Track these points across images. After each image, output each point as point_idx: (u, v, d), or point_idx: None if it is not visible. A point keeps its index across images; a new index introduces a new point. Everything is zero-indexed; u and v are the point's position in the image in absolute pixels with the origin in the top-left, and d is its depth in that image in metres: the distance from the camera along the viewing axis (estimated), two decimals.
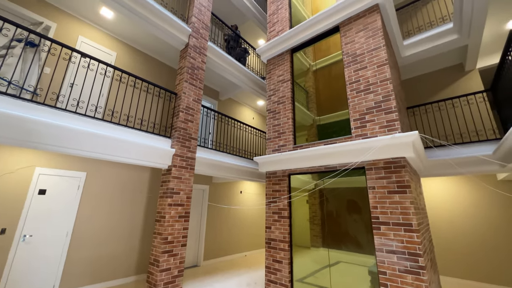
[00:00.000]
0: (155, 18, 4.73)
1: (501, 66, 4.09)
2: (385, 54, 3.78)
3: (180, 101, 4.69)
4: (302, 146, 4.46)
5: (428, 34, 5.37)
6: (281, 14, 5.90)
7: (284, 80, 5.21)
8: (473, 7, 4.30)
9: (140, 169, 5.33)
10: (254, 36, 9.33)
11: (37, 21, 4.19)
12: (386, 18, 4.34)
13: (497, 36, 5.30)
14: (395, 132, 3.38)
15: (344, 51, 4.33)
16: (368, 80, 3.85)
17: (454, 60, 5.97)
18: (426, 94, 6.32)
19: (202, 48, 5.44)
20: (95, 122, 3.53)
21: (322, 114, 4.79)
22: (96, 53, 5.04)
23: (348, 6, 4.36)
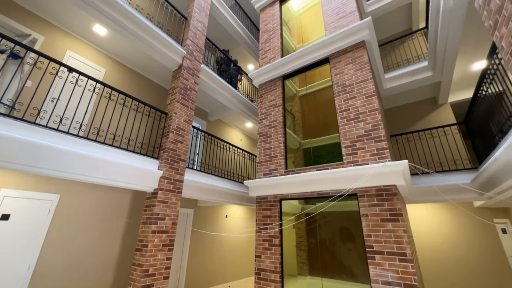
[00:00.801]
0: (151, 39, 4.74)
1: (473, 102, 4.51)
2: (373, 86, 4.03)
3: (171, 121, 4.57)
4: (294, 171, 4.45)
5: (405, 70, 5.88)
6: (273, 43, 6.20)
7: (276, 105, 5.33)
8: (446, 49, 4.81)
9: (121, 192, 4.95)
10: (245, 61, 9.66)
11: (24, 33, 4.01)
12: (371, 53, 4.70)
13: (465, 75, 5.91)
14: (386, 160, 3.50)
15: (334, 81, 4.56)
16: (357, 110, 4.04)
17: (429, 93, 6.53)
18: (406, 123, 6.75)
19: (195, 70, 5.48)
20: (77, 141, 3.28)
21: (309, 138, 4.90)
22: (84, 69, 4.86)
23: (337, 40, 4.69)
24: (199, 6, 6.19)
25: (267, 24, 6.70)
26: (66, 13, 4.52)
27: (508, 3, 1.93)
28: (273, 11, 6.79)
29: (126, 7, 4.30)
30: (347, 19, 4.88)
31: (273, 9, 6.82)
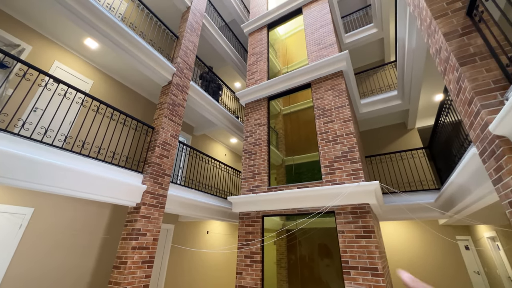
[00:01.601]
0: (143, 56, 4.89)
1: (435, 129, 5.09)
2: (349, 112, 4.44)
3: (158, 136, 4.63)
4: (276, 188, 4.64)
5: (378, 97, 6.50)
6: (260, 66, 6.59)
7: (261, 124, 5.60)
8: (411, 81, 5.45)
9: (100, 206, 4.81)
10: (232, 78, 10.01)
11: (13, 42, 3.99)
12: (348, 81, 5.20)
13: (429, 104, 6.63)
14: (360, 180, 3.82)
15: (315, 105, 4.95)
16: (336, 132, 4.40)
17: (399, 119, 7.20)
18: (379, 144, 7.32)
19: (184, 87, 5.65)
20: (58, 152, 3.24)
21: (291, 155, 5.20)
22: (71, 80, 4.85)
23: (318, 69, 5.14)
24: (191, 26, 6.49)
25: (255, 48, 7.14)
26: (58, 25, 4.57)
27: (452, 56, 2.37)
28: (261, 36, 7.27)
29: (121, 25, 4.45)
30: (328, 50, 5.40)
31: (261, 34, 7.31)
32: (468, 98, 2.20)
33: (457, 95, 2.43)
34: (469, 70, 2.20)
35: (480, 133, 2.12)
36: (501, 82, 2.02)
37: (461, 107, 2.40)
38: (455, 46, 2.37)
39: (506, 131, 1.80)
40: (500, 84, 2.02)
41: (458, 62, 2.27)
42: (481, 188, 2.82)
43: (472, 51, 2.26)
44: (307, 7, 6.62)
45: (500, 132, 1.84)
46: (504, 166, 1.85)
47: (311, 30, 6.03)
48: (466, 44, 2.31)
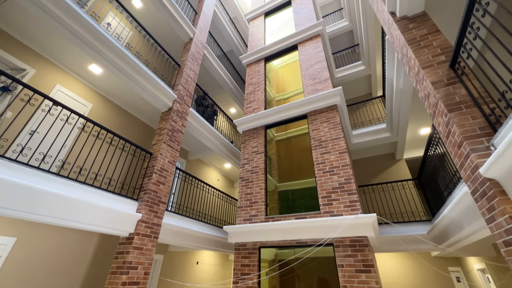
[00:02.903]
0: (146, 83, 5.02)
1: (424, 161, 5.37)
2: (344, 144, 4.65)
3: (156, 162, 4.59)
4: (274, 218, 4.61)
5: (368, 129, 6.86)
6: (258, 95, 6.89)
7: (258, 152, 5.70)
8: (399, 116, 5.84)
9: (88, 235, 4.54)
10: (228, 104, 10.29)
11: (18, 67, 4.02)
12: (341, 115, 5.50)
13: (415, 137, 7.04)
14: (357, 212, 3.89)
15: (312, 135, 5.16)
16: (332, 163, 4.55)
17: (388, 150, 7.55)
18: (371, 174, 7.54)
19: (184, 113, 5.76)
20: (54, 179, 3.13)
21: (287, 181, 5.28)
22: (71, 103, 4.84)
23: (314, 102, 5.45)
24: (193, 56, 6.80)
25: (253, 78, 7.50)
26: (64, 50, 4.67)
27: (440, 103, 2.64)
28: (258, 68, 7.69)
29: (127, 53, 4.62)
30: (322, 84, 5.77)
31: (258, 66, 7.74)
32: (458, 141, 2.42)
33: (447, 137, 2.66)
34: (456, 116, 2.45)
35: (470, 174, 2.29)
36: (486, 129, 2.26)
37: (451, 148, 2.61)
38: (442, 94, 2.65)
39: (496, 175, 1.98)
40: (485, 131, 2.25)
41: (447, 108, 2.53)
42: (473, 224, 2.96)
43: (457, 99, 2.53)
44: (302, 44, 7.17)
45: (490, 175, 2.02)
46: (496, 207, 2.00)
47: (306, 66, 6.47)
48: (452, 93, 2.59)
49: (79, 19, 3.97)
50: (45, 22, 3.79)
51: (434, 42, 3.04)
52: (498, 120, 2.15)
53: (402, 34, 3.31)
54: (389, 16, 3.67)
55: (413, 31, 3.26)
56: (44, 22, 3.80)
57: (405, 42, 3.26)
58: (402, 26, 3.40)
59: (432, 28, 3.16)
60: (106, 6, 5.55)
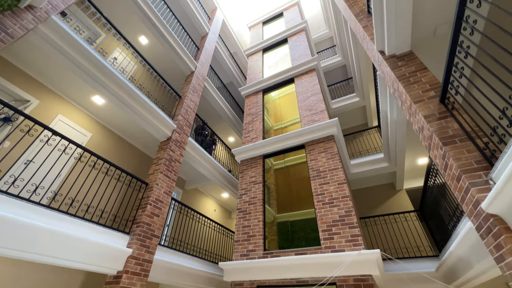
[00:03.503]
0: (147, 113, 5.13)
1: (424, 193, 5.28)
2: (343, 175, 4.61)
3: (151, 193, 4.48)
4: (272, 253, 4.36)
5: (366, 159, 6.87)
6: (256, 125, 7.02)
7: (256, 182, 5.62)
8: (396, 146, 5.90)
9: (71, 272, 4.22)
10: (226, 133, 10.43)
11: (23, 98, 4.14)
12: (339, 145, 5.55)
13: (414, 167, 7.04)
14: (360, 247, 3.70)
15: (310, 166, 5.14)
16: (331, 195, 4.46)
17: (388, 180, 7.48)
18: (371, 205, 7.36)
19: (182, 143, 5.79)
20: (43, 211, 3.00)
21: (285, 211, 5.12)
22: (71, 132, 4.89)
23: (311, 132, 5.54)
24: (193, 88, 7.08)
25: (251, 109, 7.72)
26: (68, 81, 4.85)
27: (435, 136, 2.69)
28: (256, 99, 7.96)
29: (131, 86, 4.80)
30: (319, 115, 5.93)
31: (257, 97, 8.02)
32: (456, 174, 2.40)
33: (444, 170, 2.65)
34: (452, 149, 2.47)
35: (473, 208, 2.24)
36: (482, 163, 2.27)
37: (450, 181, 2.59)
38: (435, 127, 2.71)
39: (499, 211, 1.93)
40: (481, 164, 2.26)
41: (441, 142, 2.57)
42: (483, 262, 2.80)
43: (451, 133, 2.58)
44: (298, 78, 7.54)
45: (493, 211, 1.96)
46: (504, 245, 1.91)
47: (303, 98, 6.72)
48: (445, 127, 2.65)
49: (87, 55, 4.21)
50: (54, 57, 4.01)
51: (423, 79, 3.20)
52: (493, 154, 2.17)
53: (392, 71, 3.50)
54: (378, 55, 3.92)
55: (402, 68, 3.46)
56: (53, 57, 4.01)
57: (395, 78, 3.43)
58: (391, 63, 3.61)
59: (419, 66, 3.35)
60: (114, 43, 5.92)
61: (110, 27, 5.03)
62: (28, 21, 3.44)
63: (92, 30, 5.96)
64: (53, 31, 3.83)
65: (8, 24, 3.21)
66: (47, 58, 4.37)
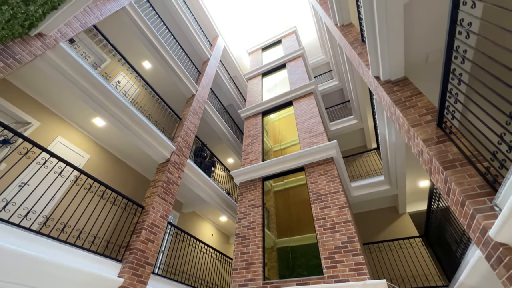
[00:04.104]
0: (147, 135, 5.15)
1: (428, 217, 5.13)
2: (344, 198, 4.51)
3: (147, 217, 4.34)
4: (272, 283, 4.11)
5: (367, 182, 6.78)
6: (255, 147, 7.02)
7: (255, 205, 5.48)
8: (396, 169, 5.86)
9: None
10: (225, 155, 10.41)
11: (24, 120, 4.18)
12: (339, 167, 5.51)
13: (416, 190, 6.92)
14: (365, 276, 3.50)
15: (310, 189, 5.05)
16: (333, 219, 4.32)
17: (390, 203, 7.32)
18: (374, 229, 7.11)
19: (181, 165, 5.74)
20: (27, 236, 2.84)
21: (285, 236, 4.91)
22: (69, 154, 4.86)
23: (311, 154, 5.53)
24: (194, 110, 7.20)
25: (250, 131, 7.79)
26: (71, 104, 4.93)
27: (435, 160, 2.67)
28: (256, 121, 8.07)
29: (132, 109, 4.88)
30: (318, 138, 5.96)
31: (256, 119, 8.13)
32: (460, 200, 2.34)
33: (447, 195, 2.59)
34: (453, 174, 2.44)
35: (480, 236, 2.15)
36: (485, 188, 2.22)
37: (454, 206, 2.52)
38: (435, 151, 2.70)
39: (507, 240, 1.85)
40: (485, 190, 2.21)
41: (442, 166, 2.54)
42: None
43: (451, 157, 2.57)
44: (297, 101, 7.71)
45: (502, 240, 1.88)
46: None
47: (302, 120, 6.81)
48: (445, 151, 2.65)
49: (92, 80, 4.33)
50: (58, 80, 4.11)
51: (419, 103, 3.27)
52: (496, 179, 2.14)
53: (388, 96, 3.59)
54: (374, 80, 4.04)
55: (398, 93, 3.55)
56: (57, 80, 4.11)
57: (391, 102, 3.51)
58: (387, 88, 3.71)
59: (414, 91, 3.44)
60: (118, 67, 6.13)
61: (116, 53, 5.25)
62: (36, 48, 3.58)
63: (98, 55, 6.20)
64: (60, 57, 3.98)
65: (16, 51, 3.34)
66: (50, 81, 4.49)
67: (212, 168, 7.84)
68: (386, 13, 3.11)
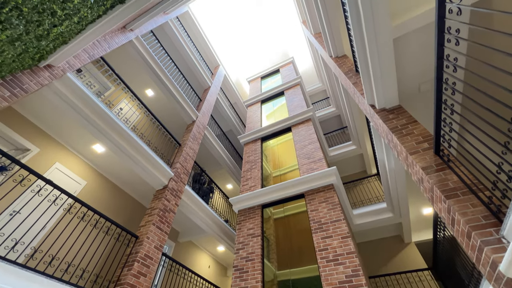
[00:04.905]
0: (145, 162, 5.13)
1: (435, 248, 4.90)
2: (346, 227, 4.35)
3: (140, 247, 4.14)
4: None
5: (369, 209, 6.60)
6: (254, 173, 6.96)
7: (255, 234, 5.26)
8: (398, 195, 5.74)
9: None
10: (225, 181, 10.28)
11: (23, 146, 4.19)
12: (339, 194, 5.40)
13: (420, 217, 6.71)
14: None
15: (310, 217, 4.89)
16: (335, 250, 4.12)
17: (395, 231, 7.05)
18: (378, 261, 6.75)
19: (178, 191, 5.64)
20: (11, 269, 2.70)
21: (286, 268, 4.62)
22: (65, 181, 4.80)
23: (311, 181, 5.46)
24: (194, 136, 7.27)
25: (250, 156, 7.79)
26: (71, 130, 4.98)
27: (436, 188, 2.63)
28: (255, 147, 8.11)
29: (133, 136, 4.92)
30: (317, 164, 5.94)
31: (255, 145, 8.18)
32: (465, 231, 2.26)
33: (452, 225, 2.50)
34: (456, 203, 2.39)
35: (491, 271, 2.03)
36: (490, 218, 2.16)
37: (460, 238, 2.42)
38: (435, 180, 2.67)
39: None
40: (490, 220, 2.15)
41: (443, 195, 2.50)
42: None
43: (451, 186, 2.54)
44: (295, 127, 7.83)
45: None
46: None
47: (301, 146, 6.85)
48: (445, 179, 2.62)
49: (95, 107, 4.44)
50: (61, 107, 4.19)
51: (415, 131, 3.32)
52: (499, 209, 2.08)
53: (384, 123, 3.65)
54: (369, 108, 4.15)
55: (394, 121, 3.62)
56: (59, 107, 4.20)
57: (388, 130, 3.56)
58: (382, 116, 3.80)
59: (410, 119, 3.52)
60: (122, 95, 6.33)
61: (120, 82, 5.46)
62: (44, 78, 3.73)
63: (103, 83, 6.45)
64: (66, 87, 4.13)
65: (24, 81, 3.47)
66: (53, 108, 4.58)
67: (210, 195, 7.69)
68: (377, 47, 3.31)
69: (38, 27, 2.47)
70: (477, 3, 2.82)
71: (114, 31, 5.21)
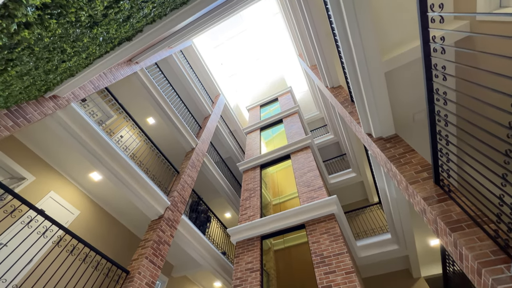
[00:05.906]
0: (142, 191, 5.03)
1: (446, 284, 4.58)
2: (350, 261, 4.11)
3: (130, 284, 3.86)
4: None
5: (373, 240, 6.32)
6: (253, 202, 6.79)
7: (253, 269, 4.96)
8: (402, 226, 5.53)
9: None
10: (223, 210, 9.99)
11: (19, 175, 4.15)
12: (341, 224, 5.21)
13: (428, 250, 6.39)
14: None
15: (312, 249, 4.66)
16: (339, 287, 3.85)
17: (402, 265, 6.66)
18: None
19: (174, 221, 5.44)
20: None
21: None
22: (58, 211, 4.66)
23: (311, 210, 5.30)
24: (192, 164, 7.24)
25: (249, 184, 7.67)
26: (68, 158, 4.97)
27: (439, 220, 2.55)
28: (254, 174, 8.03)
29: (131, 164, 4.89)
30: (317, 192, 5.83)
31: (254, 172, 8.11)
32: (475, 267, 2.14)
33: (461, 260, 2.37)
34: (462, 237, 2.29)
35: None
36: (499, 254, 2.05)
37: (470, 274, 2.28)
38: (438, 211, 2.60)
39: None
40: (499, 256, 2.04)
41: (448, 227, 2.41)
42: None
43: (455, 217, 2.46)
44: (294, 154, 7.85)
45: None
46: None
47: (300, 174, 6.79)
48: (447, 210, 2.55)
49: (95, 136, 4.48)
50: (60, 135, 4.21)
51: (413, 160, 3.32)
52: (507, 244, 2.00)
53: (382, 152, 3.67)
54: (367, 137, 4.21)
55: (391, 150, 3.64)
56: (59, 135, 4.22)
57: (386, 159, 3.56)
58: (380, 145, 3.83)
59: (407, 148, 3.54)
60: (123, 123, 6.44)
61: (122, 111, 5.59)
62: (48, 108, 3.83)
63: (105, 112, 6.60)
64: (68, 116, 4.21)
65: (28, 111, 3.56)
66: (52, 136, 4.60)
67: (207, 224, 7.42)
68: (369, 80, 3.46)
69: (47, 63, 2.61)
70: (460, 41, 3.02)
71: (120, 64, 5.49)
